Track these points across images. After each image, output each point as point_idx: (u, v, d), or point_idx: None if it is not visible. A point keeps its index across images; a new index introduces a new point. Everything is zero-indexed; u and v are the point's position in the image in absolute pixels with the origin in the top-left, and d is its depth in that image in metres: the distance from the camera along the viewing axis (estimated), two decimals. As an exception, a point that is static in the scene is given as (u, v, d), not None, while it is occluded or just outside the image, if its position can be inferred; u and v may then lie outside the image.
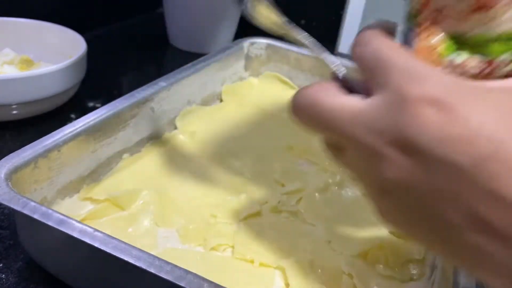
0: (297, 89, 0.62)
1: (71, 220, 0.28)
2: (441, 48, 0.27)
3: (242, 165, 0.46)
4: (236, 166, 0.46)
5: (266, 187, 0.43)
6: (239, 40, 0.63)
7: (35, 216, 0.28)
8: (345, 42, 0.89)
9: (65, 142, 0.36)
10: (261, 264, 0.35)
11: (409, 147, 0.19)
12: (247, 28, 0.81)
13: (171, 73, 0.49)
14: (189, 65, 0.52)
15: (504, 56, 0.26)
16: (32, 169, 0.34)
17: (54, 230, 0.28)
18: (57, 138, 0.36)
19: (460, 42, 0.27)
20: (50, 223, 0.28)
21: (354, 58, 0.24)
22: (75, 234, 0.27)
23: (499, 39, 0.26)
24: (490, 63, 0.26)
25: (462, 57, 0.26)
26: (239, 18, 0.81)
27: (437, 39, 0.27)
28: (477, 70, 0.26)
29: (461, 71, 0.26)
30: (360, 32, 0.25)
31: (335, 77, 0.25)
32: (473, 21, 0.26)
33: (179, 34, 0.80)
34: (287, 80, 0.64)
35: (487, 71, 0.26)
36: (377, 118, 0.20)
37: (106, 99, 0.59)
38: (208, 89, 0.56)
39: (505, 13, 0.26)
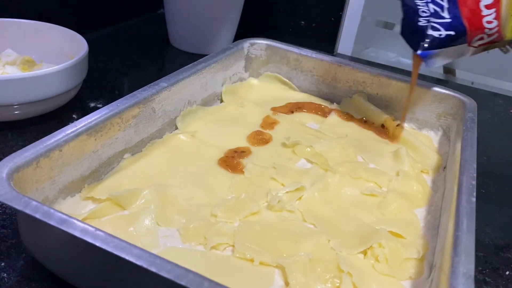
0: (296, 89, 0.63)
1: (72, 220, 0.28)
2: None
3: (242, 165, 0.46)
4: (236, 165, 0.46)
5: (266, 186, 0.43)
6: (239, 41, 0.63)
7: (37, 216, 0.28)
8: (344, 43, 0.89)
9: (67, 142, 0.36)
10: (261, 263, 0.35)
11: None
12: (247, 29, 0.82)
13: (172, 74, 0.50)
14: (189, 65, 0.52)
15: None
16: (34, 168, 0.34)
17: (55, 229, 0.28)
18: (58, 138, 0.36)
19: None
20: (51, 223, 0.28)
21: None
22: (76, 233, 0.27)
23: None
24: None
25: None
26: (239, 19, 0.82)
27: None
28: None
29: None
30: None
31: None
32: None
33: (179, 35, 0.80)
34: (287, 80, 0.64)
35: None
36: None
37: (108, 99, 0.60)
38: (209, 90, 0.56)
39: None
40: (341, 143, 0.51)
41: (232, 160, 0.46)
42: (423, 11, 0.48)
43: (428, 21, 0.48)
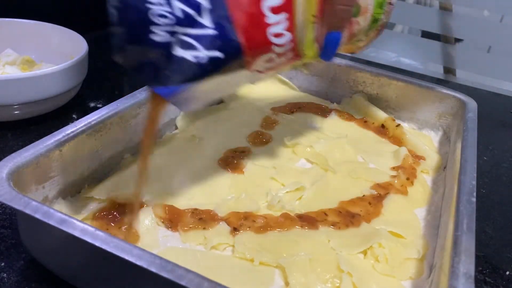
0: (296, 89, 0.63)
1: (72, 220, 0.28)
2: None
3: (242, 165, 0.46)
4: (236, 165, 0.46)
5: (266, 186, 0.43)
6: (240, 40, 0.63)
7: (37, 216, 0.28)
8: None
9: (67, 142, 0.36)
10: (261, 263, 0.35)
11: None
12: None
13: (172, 74, 0.49)
14: (189, 65, 0.52)
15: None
16: (34, 168, 0.34)
17: (55, 230, 0.28)
18: (58, 138, 0.36)
19: None
20: (51, 223, 0.28)
21: None
22: (76, 234, 0.27)
23: None
24: None
25: None
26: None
27: None
28: None
29: None
30: None
31: None
32: None
33: (180, 34, 0.80)
34: (287, 80, 0.64)
35: None
36: None
37: (108, 99, 0.60)
38: (209, 90, 0.56)
39: None
40: (341, 143, 0.51)
41: (232, 160, 0.46)
42: (159, 14, 0.28)
43: (173, 33, 0.29)
